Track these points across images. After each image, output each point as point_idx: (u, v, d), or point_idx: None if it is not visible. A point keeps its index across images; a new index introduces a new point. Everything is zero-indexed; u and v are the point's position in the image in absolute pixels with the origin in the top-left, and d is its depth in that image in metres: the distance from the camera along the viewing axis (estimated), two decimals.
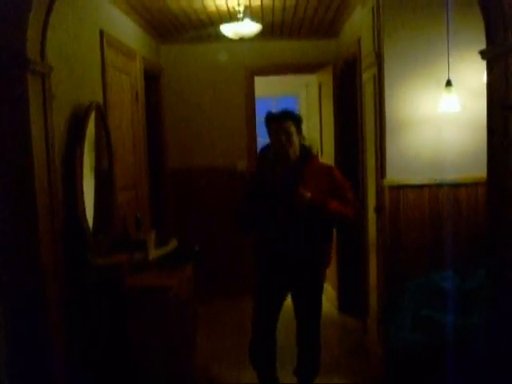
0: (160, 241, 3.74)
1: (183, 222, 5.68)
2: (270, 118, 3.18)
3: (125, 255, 3.38)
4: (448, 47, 3.49)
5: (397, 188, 3.72)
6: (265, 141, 3.31)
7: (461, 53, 3.53)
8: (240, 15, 4.38)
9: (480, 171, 2.74)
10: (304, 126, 3.30)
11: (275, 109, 3.30)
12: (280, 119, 3.13)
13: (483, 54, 2.37)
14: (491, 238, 2.49)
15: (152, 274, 3.41)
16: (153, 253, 3.54)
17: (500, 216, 2.37)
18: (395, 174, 3.73)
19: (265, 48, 5.82)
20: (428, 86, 3.65)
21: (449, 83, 3.48)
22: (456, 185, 3.71)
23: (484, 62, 2.44)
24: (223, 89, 5.87)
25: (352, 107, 4.79)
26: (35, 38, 2.34)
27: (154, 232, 3.72)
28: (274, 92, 7.85)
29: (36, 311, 2.49)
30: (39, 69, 2.41)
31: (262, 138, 5.79)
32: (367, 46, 4.12)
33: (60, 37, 3.04)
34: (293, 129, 3.13)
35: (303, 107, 7.71)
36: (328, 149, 5.58)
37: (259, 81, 6.05)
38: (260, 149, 3.51)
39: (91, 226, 3.24)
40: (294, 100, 8.03)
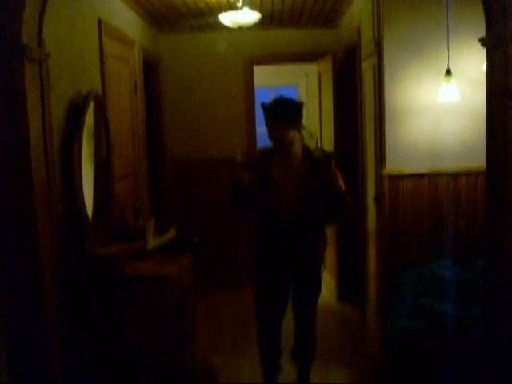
0: (159, 230, 3.74)
1: (182, 212, 5.68)
2: (269, 112, 3.13)
3: (123, 244, 3.38)
4: (448, 36, 3.48)
5: (396, 177, 3.72)
6: (264, 130, 3.29)
7: (460, 42, 3.52)
8: (239, 4, 4.35)
9: (480, 161, 2.73)
10: (303, 113, 3.29)
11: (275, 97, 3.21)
12: (278, 117, 3.09)
13: (483, 41, 2.36)
14: (490, 228, 2.48)
15: (151, 263, 3.40)
16: (151, 242, 3.54)
17: (499, 205, 2.36)
18: (395, 164, 3.73)
19: (264, 37, 5.79)
20: (428, 75, 3.65)
21: (448, 72, 3.48)
22: (455, 174, 3.71)
23: (484, 51, 2.43)
24: (222, 78, 5.85)
25: (352, 96, 4.77)
26: (32, 25, 2.31)
27: (153, 221, 3.71)
28: (274, 82, 7.83)
29: (32, 299, 2.48)
30: (36, 55, 2.38)
31: (261, 128, 5.80)
32: (367, 35, 4.10)
33: (58, 26, 3.02)
34: (291, 128, 3.10)
35: (303, 97, 7.69)
36: (328, 138, 5.58)
37: (258, 70, 6.03)
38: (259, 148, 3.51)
39: (90, 215, 3.23)
40: (294, 89, 8.01)
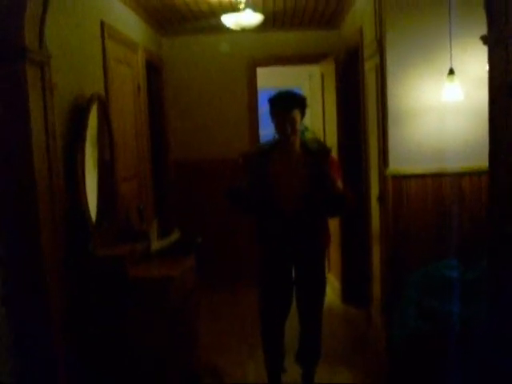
0: (162, 232, 3.74)
1: (185, 213, 5.68)
2: (276, 105, 3.16)
3: (127, 246, 3.38)
4: (450, 35, 3.47)
5: (400, 177, 3.71)
6: (267, 132, 3.31)
7: (463, 41, 3.51)
8: (241, 6, 4.37)
9: (483, 160, 2.71)
10: (307, 115, 3.30)
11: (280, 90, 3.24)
12: (287, 108, 3.10)
13: (484, 39, 2.35)
14: (493, 227, 2.47)
15: (155, 265, 3.41)
16: (155, 243, 3.54)
17: (502, 205, 2.35)
18: (398, 164, 3.72)
19: (267, 39, 5.80)
20: (430, 75, 3.63)
21: (451, 72, 3.46)
22: (459, 174, 3.69)
23: (486, 50, 2.42)
24: (225, 80, 5.86)
25: (354, 97, 4.77)
26: (33, 26, 2.32)
27: (157, 222, 3.72)
28: (277, 83, 7.81)
29: (36, 300, 2.49)
30: (38, 57, 2.39)
31: (265, 130, 5.81)
32: (369, 35, 4.10)
33: (61, 28, 3.04)
34: (298, 117, 3.13)
35: (304, 95, 7.67)
36: (331, 139, 5.56)
37: (262, 72, 6.04)
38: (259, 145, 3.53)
39: (94, 217, 3.24)
40: (297, 91, 8.00)
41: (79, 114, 3.16)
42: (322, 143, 3.62)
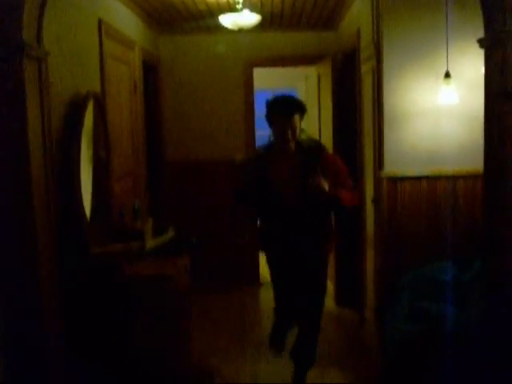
0: (157, 230, 3.73)
1: (180, 213, 5.67)
2: (276, 109, 3.14)
3: (122, 244, 3.37)
4: (447, 39, 3.48)
5: (394, 180, 3.72)
6: (263, 133, 3.32)
7: (460, 44, 3.53)
8: (239, 6, 4.36)
9: (478, 163, 2.73)
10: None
11: (278, 94, 3.24)
12: (287, 113, 3.08)
13: (481, 43, 2.36)
14: (488, 231, 2.48)
15: (149, 264, 3.39)
16: (150, 242, 3.53)
17: (496, 207, 2.36)
18: (393, 166, 3.73)
19: (264, 39, 5.80)
20: (427, 78, 3.65)
21: (447, 75, 3.48)
22: (454, 177, 3.71)
23: (483, 54, 2.43)
24: (222, 80, 5.85)
25: (351, 99, 4.77)
26: (31, 23, 2.32)
27: (151, 221, 3.71)
28: (273, 84, 7.83)
29: (30, 298, 2.48)
30: (35, 53, 2.39)
31: (261, 131, 5.81)
32: (366, 38, 4.11)
33: (58, 25, 3.03)
34: (299, 123, 3.13)
35: (302, 99, 7.68)
36: (327, 141, 5.57)
37: (258, 73, 6.03)
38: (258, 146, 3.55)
39: (88, 215, 3.23)
40: (293, 92, 8.01)
41: (75, 112, 3.15)
42: (318, 141, 3.63)
